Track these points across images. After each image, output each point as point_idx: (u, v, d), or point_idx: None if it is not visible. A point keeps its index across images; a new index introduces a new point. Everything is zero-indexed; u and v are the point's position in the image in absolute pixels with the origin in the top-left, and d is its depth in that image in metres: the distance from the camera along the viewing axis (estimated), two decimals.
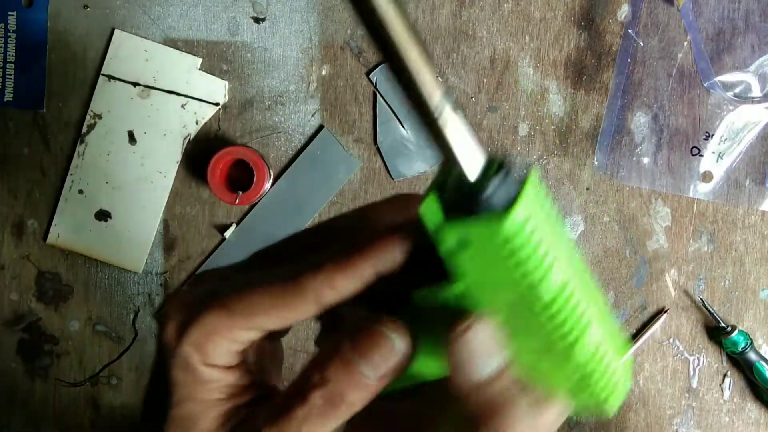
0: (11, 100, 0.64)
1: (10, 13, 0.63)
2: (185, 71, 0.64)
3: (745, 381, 0.69)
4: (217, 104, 0.64)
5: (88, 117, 0.64)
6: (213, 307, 0.23)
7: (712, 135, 0.66)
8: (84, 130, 0.64)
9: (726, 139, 0.66)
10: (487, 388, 0.21)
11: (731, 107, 0.66)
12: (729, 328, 0.66)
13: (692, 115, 0.66)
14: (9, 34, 0.63)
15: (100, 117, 0.64)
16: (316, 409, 0.22)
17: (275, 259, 0.25)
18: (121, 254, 0.65)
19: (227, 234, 0.64)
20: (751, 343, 0.66)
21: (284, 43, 0.64)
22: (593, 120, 0.66)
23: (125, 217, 0.64)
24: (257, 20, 0.64)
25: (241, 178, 0.63)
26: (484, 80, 0.65)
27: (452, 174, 0.19)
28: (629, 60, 0.65)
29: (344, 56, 0.64)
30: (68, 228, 0.64)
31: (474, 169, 0.19)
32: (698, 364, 0.69)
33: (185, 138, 0.64)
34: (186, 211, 0.65)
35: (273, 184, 0.65)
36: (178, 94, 0.64)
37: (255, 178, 0.61)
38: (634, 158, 0.66)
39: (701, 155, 0.66)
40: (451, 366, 0.21)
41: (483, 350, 0.21)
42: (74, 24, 0.64)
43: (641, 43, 0.65)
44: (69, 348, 0.66)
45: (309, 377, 0.22)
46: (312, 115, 0.65)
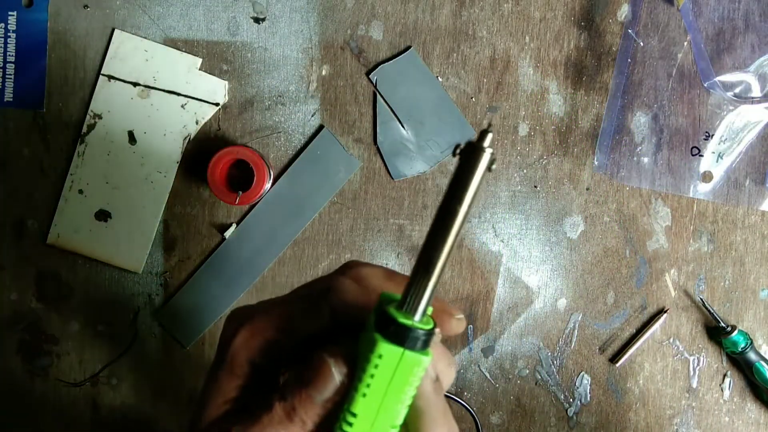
0: (11, 100, 0.64)
1: (10, 13, 0.63)
2: (185, 71, 0.64)
3: (745, 381, 0.69)
4: (217, 104, 0.64)
5: (88, 117, 0.64)
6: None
7: (712, 135, 0.66)
8: (84, 130, 0.64)
9: (726, 139, 0.66)
10: None
11: (731, 107, 0.66)
12: (729, 328, 0.66)
13: (692, 115, 0.66)
14: (9, 34, 0.63)
15: (100, 117, 0.64)
16: (276, 416, 0.28)
17: None
18: (121, 254, 0.65)
19: (227, 234, 0.64)
20: (751, 343, 0.66)
21: (284, 43, 0.64)
22: (593, 120, 0.66)
23: (125, 217, 0.64)
24: (257, 20, 0.64)
25: (241, 178, 0.63)
26: (484, 80, 0.65)
27: (405, 305, 0.27)
28: (629, 60, 0.65)
29: (344, 56, 0.64)
30: (68, 228, 0.64)
31: (419, 317, 0.27)
32: (698, 364, 0.69)
33: (185, 138, 0.64)
34: (186, 211, 0.65)
35: (273, 184, 0.65)
36: (178, 94, 0.64)
37: (255, 178, 0.61)
38: (634, 158, 0.66)
39: (701, 155, 0.66)
40: None
41: None
42: (74, 24, 0.64)
43: (641, 43, 0.65)
44: (69, 348, 0.66)
45: (277, 394, 0.28)
46: (312, 115, 0.65)
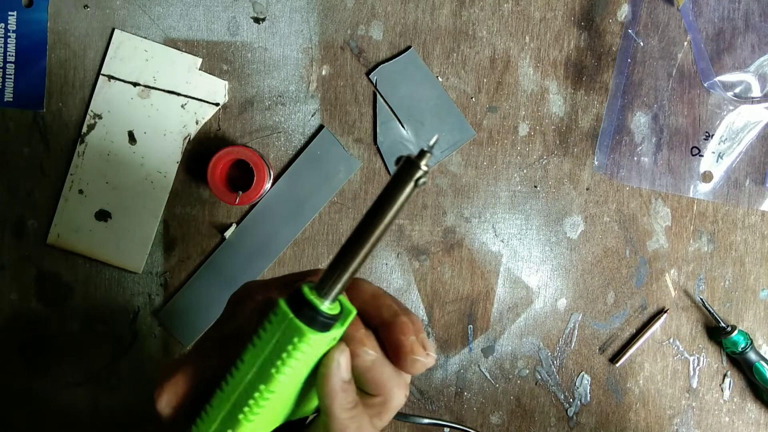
0: (11, 100, 0.64)
1: (10, 13, 0.63)
2: (185, 71, 0.64)
3: (745, 381, 0.69)
4: (217, 104, 0.64)
5: (88, 117, 0.64)
6: None
7: (712, 135, 0.66)
8: (84, 130, 0.64)
9: (726, 139, 0.66)
10: None
11: (731, 107, 0.66)
12: (729, 328, 0.66)
13: (692, 115, 0.66)
14: (9, 34, 0.63)
15: (100, 117, 0.64)
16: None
17: None
18: (121, 254, 0.65)
19: (227, 234, 0.64)
20: (751, 343, 0.66)
21: (284, 43, 0.64)
22: (593, 120, 0.66)
23: (125, 217, 0.64)
24: (257, 20, 0.64)
25: (241, 178, 0.63)
26: (484, 80, 0.65)
27: (320, 290, 0.30)
28: (629, 60, 0.65)
29: (344, 56, 0.64)
30: (68, 228, 0.64)
31: (328, 303, 0.30)
32: (698, 364, 0.69)
33: (185, 138, 0.64)
34: (186, 211, 0.65)
35: (273, 184, 0.65)
36: (178, 94, 0.64)
37: (255, 178, 0.61)
38: (634, 158, 0.66)
39: (701, 155, 0.66)
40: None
41: None
42: (74, 24, 0.64)
43: (641, 43, 0.65)
44: (69, 348, 0.66)
45: None
46: (312, 115, 0.65)
